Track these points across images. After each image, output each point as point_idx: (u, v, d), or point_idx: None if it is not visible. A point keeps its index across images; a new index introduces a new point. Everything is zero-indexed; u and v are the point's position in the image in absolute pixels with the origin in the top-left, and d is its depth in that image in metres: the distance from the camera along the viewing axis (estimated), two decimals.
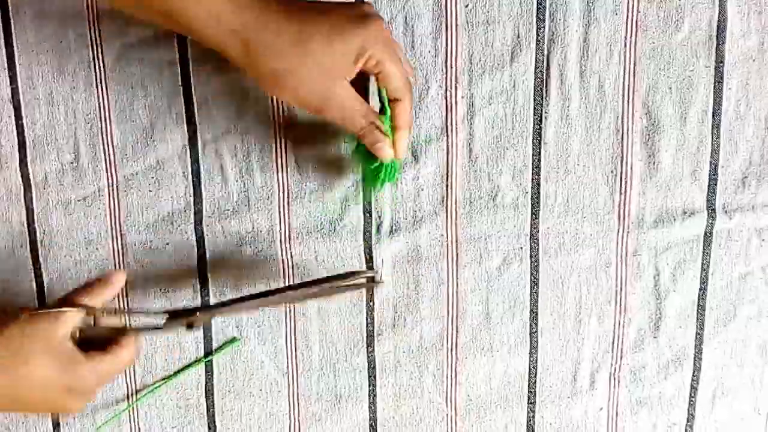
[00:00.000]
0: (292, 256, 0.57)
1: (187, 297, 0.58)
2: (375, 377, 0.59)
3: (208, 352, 0.58)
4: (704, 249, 0.57)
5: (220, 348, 0.58)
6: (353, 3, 0.44)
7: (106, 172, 0.56)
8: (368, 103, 0.47)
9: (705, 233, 0.57)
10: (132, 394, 0.59)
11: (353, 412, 0.60)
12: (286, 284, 0.57)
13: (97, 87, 0.55)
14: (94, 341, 0.47)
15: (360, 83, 0.47)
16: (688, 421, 0.60)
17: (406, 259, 0.57)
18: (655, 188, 0.56)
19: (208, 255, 0.57)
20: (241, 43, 0.41)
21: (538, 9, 0.53)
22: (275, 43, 0.40)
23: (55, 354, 0.43)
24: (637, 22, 0.53)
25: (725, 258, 0.57)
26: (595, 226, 0.57)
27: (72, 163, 0.56)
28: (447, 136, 0.55)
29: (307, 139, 0.55)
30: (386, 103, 0.46)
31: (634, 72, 0.54)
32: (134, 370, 0.59)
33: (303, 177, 0.56)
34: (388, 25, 0.44)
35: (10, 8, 0.54)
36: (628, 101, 0.55)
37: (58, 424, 0.60)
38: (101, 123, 0.55)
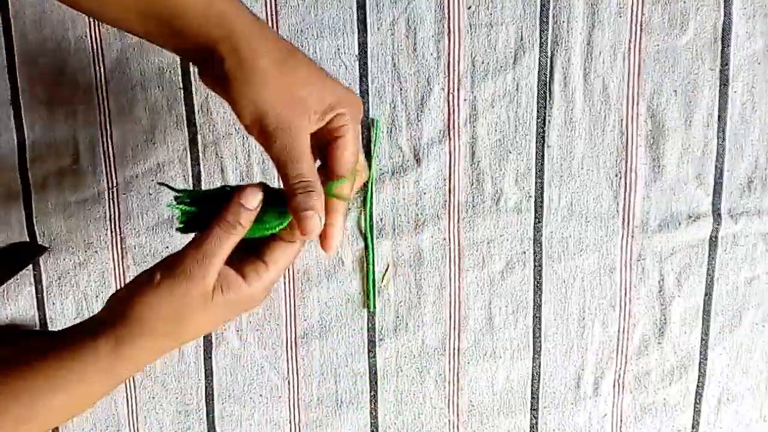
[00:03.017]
0: None
1: None
2: (376, 382, 0.59)
3: None
4: (709, 254, 0.57)
5: None
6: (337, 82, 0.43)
7: (106, 174, 0.56)
8: None
9: (710, 238, 0.56)
10: (130, 398, 0.59)
11: (354, 417, 0.59)
12: (288, 290, 0.57)
13: (97, 89, 0.54)
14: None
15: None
16: (693, 428, 0.60)
17: (408, 263, 0.57)
18: (659, 192, 0.55)
19: None
20: (232, 44, 0.39)
21: (541, 11, 0.53)
22: (262, 51, 0.39)
23: (209, 304, 0.40)
24: (641, 24, 0.53)
25: (731, 263, 0.57)
26: (599, 231, 0.56)
27: (71, 165, 0.55)
28: (449, 139, 0.55)
29: None
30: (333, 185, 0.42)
31: (638, 75, 0.54)
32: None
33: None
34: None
35: (10, 10, 0.54)
36: (632, 104, 0.54)
37: (57, 428, 0.59)
38: (101, 125, 0.55)
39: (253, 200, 0.40)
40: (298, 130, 0.39)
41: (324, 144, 0.42)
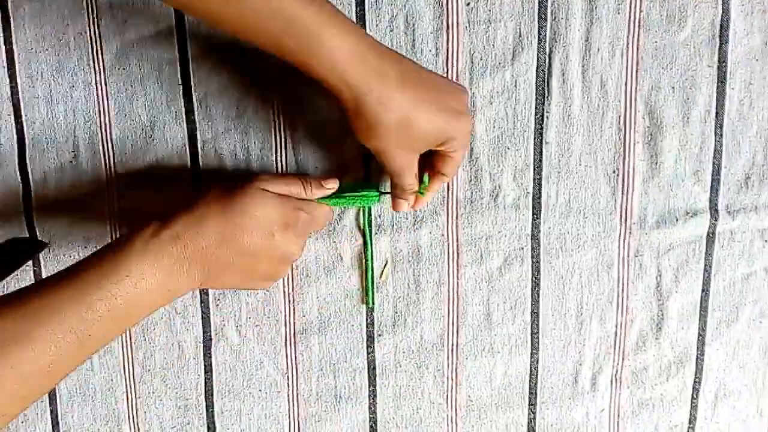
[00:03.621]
0: None
1: (185, 295, 0.58)
2: (375, 378, 0.59)
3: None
4: (707, 250, 0.57)
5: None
6: (457, 88, 0.48)
7: (106, 170, 0.56)
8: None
9: (707, 234, 0.56)
10: (130, 392, 0.59)
11: (353, 412, 0.59)
12: (287, 286, 0.57)
13: (96, 85, 0.54)
14: None
15: None
16: (690, 423, 0.60)
17: (406, 259, 0.57)
18: (657, 188, 0.56)
19: None
20: (353, 97, 0.44)
21: (539, 8, 0.53)
22: (382, 110, 0.44)
23: (264, 195, 0.46)
24: (639, 21, 0.53)
25: (728, 259, 0.57)
26: (596, 227, 0.56)
27: (71, 161, 0.56)
28: None
29: (307, 138, 0.55)
30: (426, 179, 0.51)
31: (636, 71, 0.54)
32: (132, 369, 0.59)
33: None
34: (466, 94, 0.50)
35: (9, 6, 0.54)
36: (630, 101, 0.54)
37: (57, 423, 0.60)
38: (100, 121, 0.55)
39: (332, 185, 0.51)
40: (410, 164, 0.48)
41: (432, 153, 0.49)
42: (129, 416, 0.60)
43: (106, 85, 0.54)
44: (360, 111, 0.44)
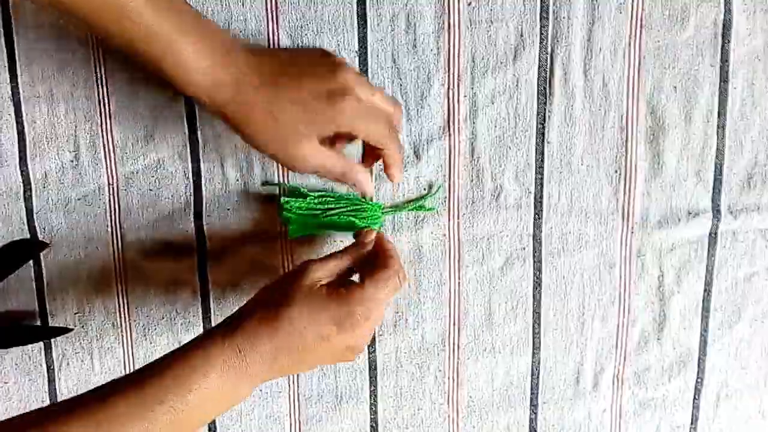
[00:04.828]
0: (292, 256, 0.57)
1: (186, 296, 0.57)
2: (376, 378, 0.59)
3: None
4: (709, 250, 0.57)
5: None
6: (325, 70, 0.46)
7: (107, 170, 0.56)
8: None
9: (710, 234, 0.56)
10: None
11: (354, 412, 0.59)
12: None
13: (97, 85, 0.54)
14: None
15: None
16: (692, 423, 0.60)
17: (407, 259, 0.57)
18: (659, 188, 0.55)
19: (208, 254, 0.57)
20: (212, 105, 0.45)
21: (541, 7, 0.53)
22: (244, 113, 0.44)
23: (312, 298, 0.44)
24: (641, 20, 0.53)
25: (730, 259, 0.57)
26: (598, 227, 0.56)
27: (72, 161, 0.55)
28: (449, 135, 0.55)
29: None
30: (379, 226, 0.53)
31: (638, 71, 0.54)
32: (133, 369, 0.58)
33: (303, 175, 0.56)
34: (357, 73, 0.48)
35: (10, 5, 0.53)
36: (632, 100, 0.54)
37: None
38: (101, 121, 0.55)
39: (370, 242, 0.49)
40: (305, 159, 0.45)
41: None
42: None
43: (107, 84, 0.54)
44: (224, 117, 0.45)
